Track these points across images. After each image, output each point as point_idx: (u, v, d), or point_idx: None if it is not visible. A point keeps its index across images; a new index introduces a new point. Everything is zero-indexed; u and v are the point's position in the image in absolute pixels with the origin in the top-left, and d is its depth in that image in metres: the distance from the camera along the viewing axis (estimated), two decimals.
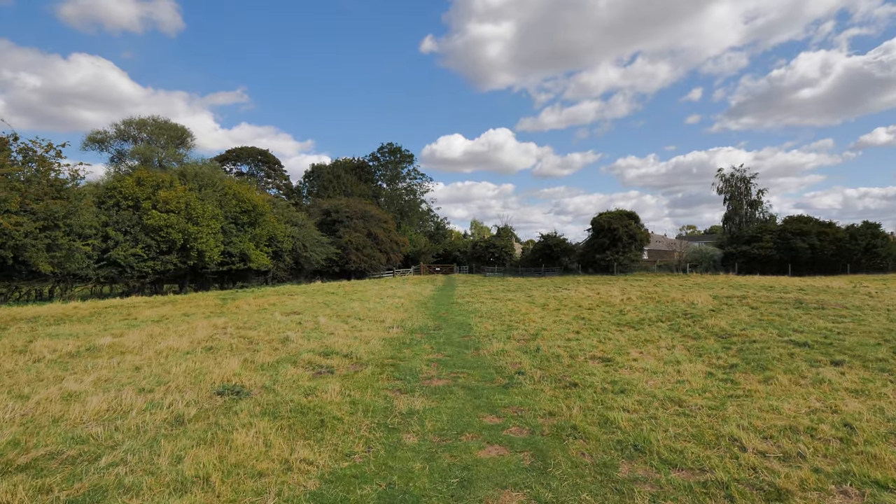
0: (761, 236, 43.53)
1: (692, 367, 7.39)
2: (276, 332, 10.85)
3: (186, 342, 9.45)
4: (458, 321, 13.53)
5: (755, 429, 4.75)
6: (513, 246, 60.98)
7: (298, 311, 15.59)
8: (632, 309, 15.48)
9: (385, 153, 71.39)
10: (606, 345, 9.42)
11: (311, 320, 12.90)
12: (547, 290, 25.41)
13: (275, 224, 33.29)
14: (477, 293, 24.21)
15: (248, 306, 17.38)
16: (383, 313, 14.96)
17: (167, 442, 4.49)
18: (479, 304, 18.23)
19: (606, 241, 46.30)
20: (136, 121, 56.07)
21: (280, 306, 17.29)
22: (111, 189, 26.13)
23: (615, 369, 7.42)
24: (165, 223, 25.48)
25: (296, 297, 20.98)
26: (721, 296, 19.90)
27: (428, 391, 6.42)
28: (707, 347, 8.93)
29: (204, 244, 26.77)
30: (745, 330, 10.53)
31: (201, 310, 16.10)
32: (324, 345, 9.38)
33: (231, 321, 12.77)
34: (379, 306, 17.02)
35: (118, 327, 12.01)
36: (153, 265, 25.44)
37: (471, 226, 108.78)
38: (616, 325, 12.21)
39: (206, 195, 29.40)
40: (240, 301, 18.99)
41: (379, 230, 45.45)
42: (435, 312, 15.89)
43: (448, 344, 9.94)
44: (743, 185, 52.94)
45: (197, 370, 7.18)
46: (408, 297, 21.78)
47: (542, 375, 7.12)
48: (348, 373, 7.36)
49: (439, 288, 29.67)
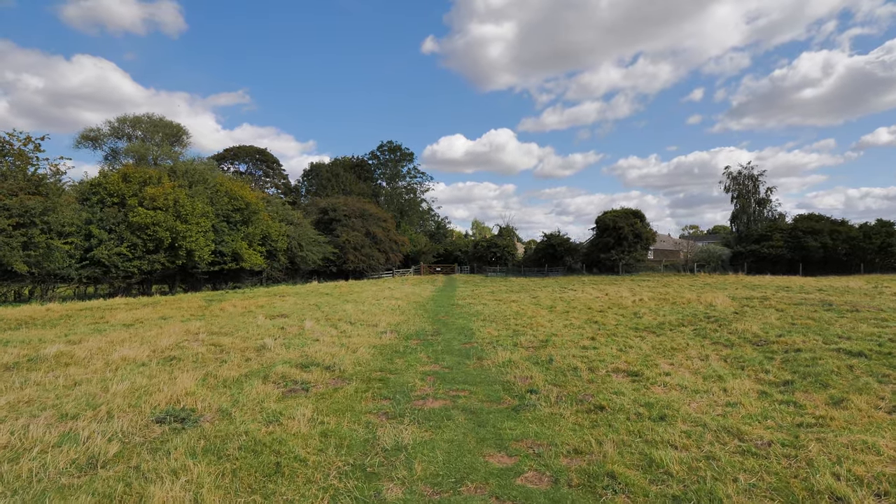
0: (771, 235, 42.21)
1: (739, 383, 6.16)
2: (254, 339, 9.65)
3: (147, 351, 8.25)
4: (458, 325, 12.32)
5: (857, 479, 3.52)
6: (515, 246, 59.73)
7: (286, 314, 14.40)
8: (647, 311, 14.26)
9: (385, 151, 70.14)
10: (629, 354, 8.20)
11: (296, 324, 11.70)
12: (552, 291, 24.19)
13: (269, 223, 32.10)
14: (479, 294, 23.00)
15: (232, 308, 16.19)
16: (377, 316, 13.76)
17: (56, 502, 3.28)
18: (482, 307, 17.02)
19: (611, 241, 45.02)
20: (131, 118, 54.97)
21: (268, 308, 16.10)
22: (96, 185, 24.96)
23: (646, 386, 6.20)
24: (152, 221, 24.29)
25: (287, 299, 19.79)
26: (739, 297, 18.67)
27: (421, 416, 5.21)
28: (747, 358, 7.70)
29: (193, 243, 25.59)
30: (782, 336, 9.30)
31: (181, 312, 14.91)
32: (304, 354, 8.18)
33: (207, 325, 11.57)
34: (373, 308, 15.82)
35: (81, 333, 10.81)
36: (139, 265, 24.27)
37: (472, 226, 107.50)
38: (634, 330, 10.99)
39: (197, 192, 28.22)
40: (226, 303, 17.80)
41: (378, 229, 44.23)
42: (434, 315, 14.68)
43: (447, 352, 8.72)
44: (751, 183, 51.56)
45: (143, 388, 5.98)
46: (405, 298, 20.58)
47: (559, 394, 5.91)
48: (326, 390, 6.16)
49: (439, 289, 28.47)
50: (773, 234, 42.25)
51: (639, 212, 47.19)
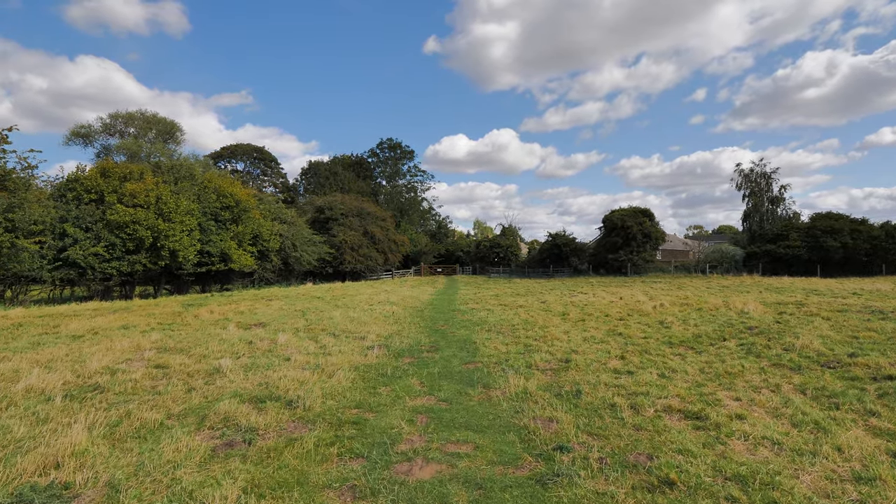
0: (788, 234, 40.34)
1: (850, 437, 4.43)
2: (212, 358, 7.96)
3: (67, 377, 6.57)
4: (459, 337, 10.60)
5: None
6: (519, 246, 57.92)
7: (263, 323, 12.71)
8: (674, 320, 12.52)
9: (385, 149, 68.38)
10: (675, 382, 6.47)
11: (269, 337, 10.00)
12: (561, 294, 22.46)
13: (260, 221, 30.40)
14: (482, 297, 21.28)
15: (209, 315, 14.52)
16: (367, 326, 12.06)
17: None
18: (486, 313, 15.31)
19: (619, 241, 43.20)
20: (124, 114, 53.66)
21: (247, 315, 14.43)
22: (72, 181, 23.32)
23: (719, 439, 4.48)
24: (132, 219, 22.62)
25: (273, 304, 18.12)
26: (770, 301, 16.91)
27: (403, 496, 3.51)
28: (830, 389, 5.97)
29: (177, 243, 23.92)
30: (856, 356, 7.56)
31: (148, 320, 13.24)
32: (265, 382, 6.48)
33: (165, 339, 9.88)
34: (365, 315, 14.12)
35: (14, 347, 9.14)
36: (118, 266, 22.60)
37: (474, 226, 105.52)
38: (668, 345, 9.27)
39: (183, 189, 26.56)
40: (204, 308, 16.13)
41: (376, 228, 42.50)
42: (432, 324, 12.98)
43: (445, 376, 7.01)
44: (763, 181, 49.62)
45: (14, 443, 4.28)
46: (402, 302, 18.88)
47: (600, 452, 4.20)
48: (277, 443, 4.45)
49: (440, 291, 26.75)
50: (789, 233, 40.39)
51: (648, 210, 45.37)
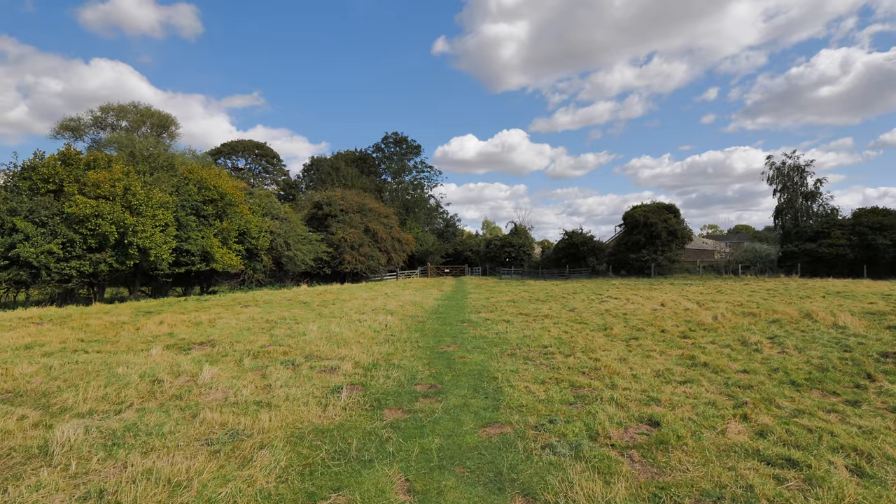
0: (829, 232, 36.60)
1: None
2: (71, 414, 4.86)
3: None
4: (473, 369, 7.42)
5: None
6: (532, 245, 54.52)
7: (213, 341, 9.63)
8: (759, 339, 9.25)
9: (390, 144, 65.26)
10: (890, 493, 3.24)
11: (192, 371, 6.88)
12: (588, 299, 19.15)
13: (248, 217, 27.42)
14: (497, 303, 18.05)
15: (155, 328, 11.49)
16: (348, 346, 8.93)
17: None
18: (504, 325, 12.12)
19: (642, 239, 39.72)
20: (115, 107, 51.25)
21: (201, 329, 11.38)
22: (28, 170, 20.51)
23: None
24: (94, 212, 19.73)
25: (245, 311, 15.08)
26: (857, 311, 13.51)
27: None
28: None
29: (147, 239, 20.99)
30: None
31: (75, 335, 10.21)
32: (96, 492, 3.36)
33: (47, 372, 6.81)
34: (349, 331, 10.99)
35: None
36: (78, 265, 19.72)
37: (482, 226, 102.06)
38: (790, 387, 6.03)
39: (158, 180, 23.67)
40: (155, 319, 13.10)
41: (378, 226, 39.41)
42: (435, 342, 9.82)
43: (450, 460, 3.82)
44: (797, 174, 45.82)
45: None
46: (402, 310, 15.73)
47: None
48: None
49: (447, 295, 23.57)
50: (831, 230, 36.65)
51: (672, 206, 41.84)
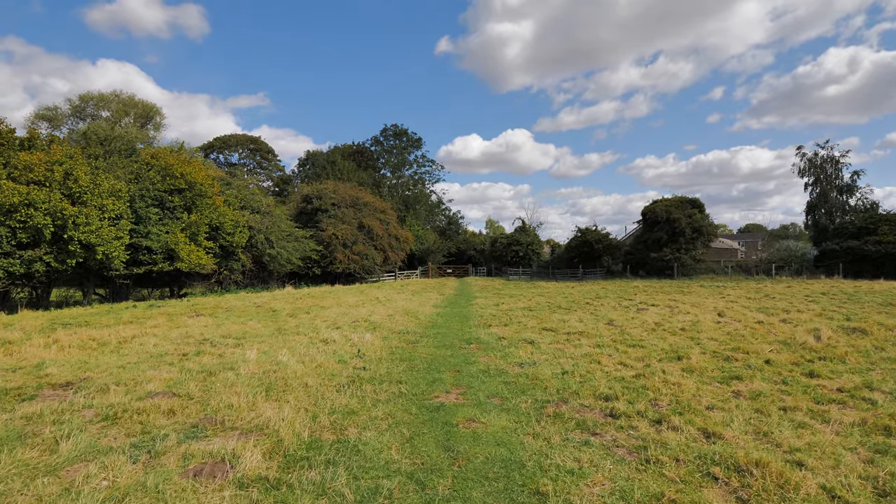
0: (876, 228, 32.89)
1: None
2: None
3: None
4: (490, 457, 3.86)
5: None
6: (541, 243, 50.89)
7: (84, 382, 6.17)
8: None
9: (389, 136, 61.72)
10: None
11: None
12: (620, 307, 15.54)
13: (223, 210, 24.00)
14: (510, 313, 14.47)
15: (28, 351, 8.04)
16: (282, 399, 5.45)
17: None
18: (528, 349, 8.58)
19: (664, 236, 36.07)
20: (96, 96, 48.21)
21: (101, 353, 7.91)
22: None
23: None
24: (23, 201, 16.37)
25: (187, 324, 11.60)
26: None
27: None
28: None
29: (92, 234, 17.60)
30: None
31: None
32: None
33: None
34: (301, 361, 7.49)
35: None
36: (7, 265, 16.36)
37: (486, 225, 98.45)
38: None
39: (113, 164, 20.27)
40: (56, 335, 9.66)
41: (374, 222, 35.91)
42: (425, 388, 6.31)
43: None
44: (831, 165, 42.01)
45: None
46: (389, 323, 12.21)
47: None
48: None
49: (448, 300, 20.01)
50: (878, 226, 32.93)
51: (697, 200, 38.11)
